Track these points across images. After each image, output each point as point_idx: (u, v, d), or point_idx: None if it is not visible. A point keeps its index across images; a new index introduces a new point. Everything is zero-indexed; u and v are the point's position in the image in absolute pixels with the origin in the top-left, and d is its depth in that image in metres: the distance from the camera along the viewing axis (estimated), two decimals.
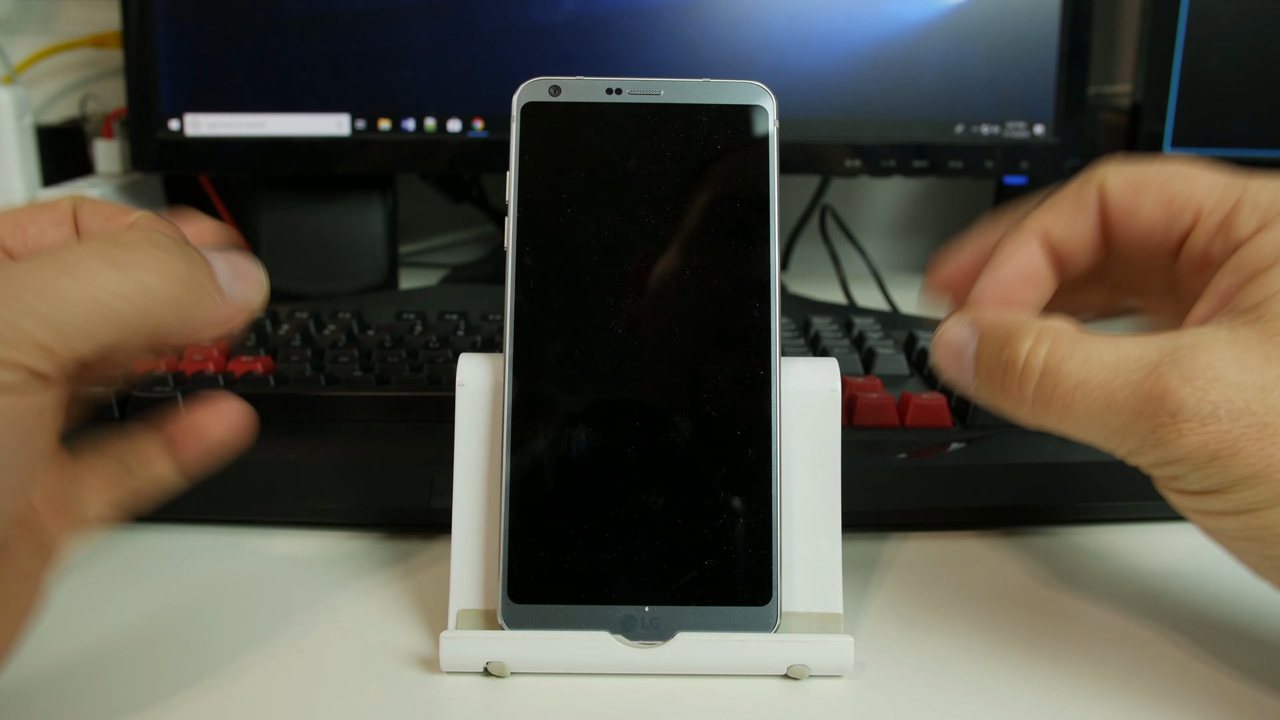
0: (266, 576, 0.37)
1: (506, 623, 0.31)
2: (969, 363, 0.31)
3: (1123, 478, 0.41)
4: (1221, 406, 0.26)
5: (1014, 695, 0.31)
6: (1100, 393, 0.28)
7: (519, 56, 0.65)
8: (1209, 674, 0.32)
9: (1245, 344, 0.27)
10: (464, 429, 0.33)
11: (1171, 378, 0.27)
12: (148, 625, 0.34)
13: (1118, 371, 0.28)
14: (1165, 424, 0.27)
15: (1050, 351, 0.29)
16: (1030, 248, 0.32)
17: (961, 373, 0.31)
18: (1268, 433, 0.26)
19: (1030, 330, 0.29)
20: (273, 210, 0.72)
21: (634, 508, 0.31)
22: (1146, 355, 0.28)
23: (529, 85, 0.33)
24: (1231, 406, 0.26)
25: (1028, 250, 0.32)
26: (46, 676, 0.31)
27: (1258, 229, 0.29)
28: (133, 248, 0.25)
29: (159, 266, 0.25)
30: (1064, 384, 0.28)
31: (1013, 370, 0.29)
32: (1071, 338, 0.29)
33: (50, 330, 0.24)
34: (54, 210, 0.29)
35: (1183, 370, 0.27)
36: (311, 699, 0.30)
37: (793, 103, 0.65)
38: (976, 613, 0.35)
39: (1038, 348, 0.29)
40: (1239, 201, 0.30)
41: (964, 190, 0.94)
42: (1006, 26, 0.66)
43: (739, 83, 0.33)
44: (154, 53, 0.65)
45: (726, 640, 0.31)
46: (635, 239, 0.32)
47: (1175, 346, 0.27)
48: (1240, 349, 0.27)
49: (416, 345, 0.51)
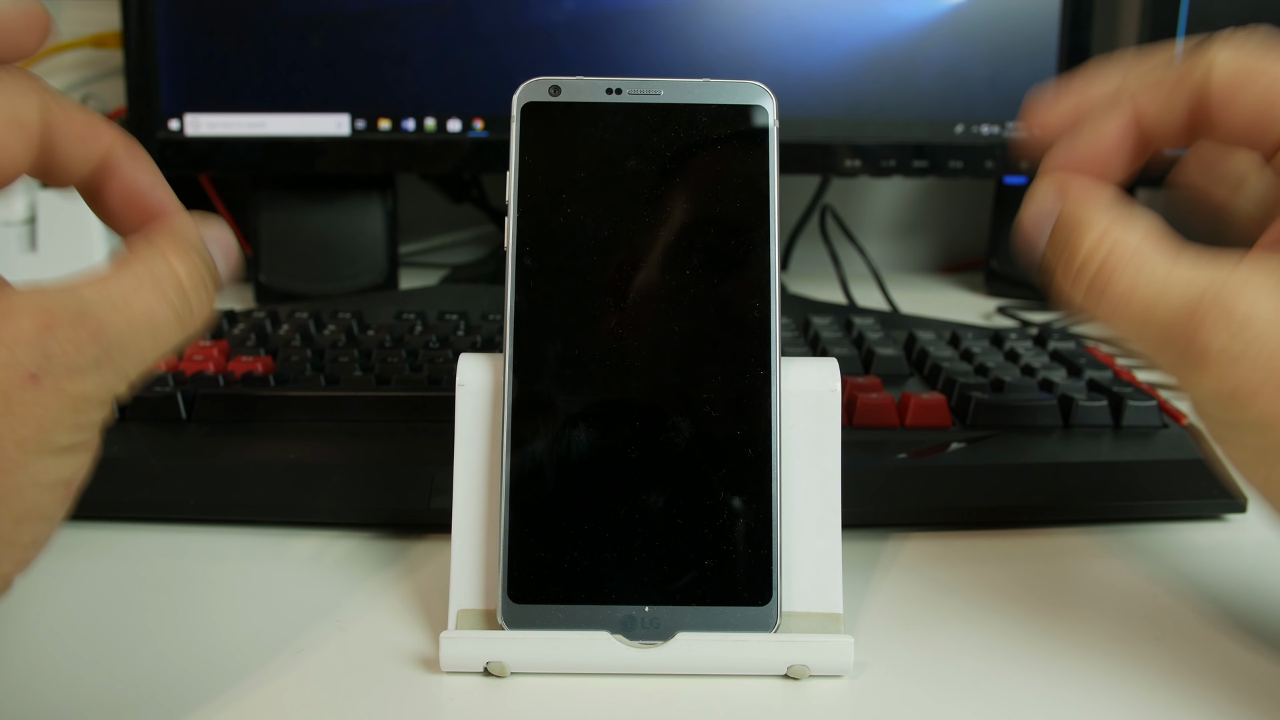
0: (266, 576, 0.37)
1: (506, 623, 0.31)
2: (1046, 230, 0.31)
3: (1123, 478, 0.42)
4: (1251, 347, 0.26)
5: (1014, 695, 0.31)
6: (1142, 307, 0.28)
7: (519, 56, 0.65)
8: (1209, 673, 0.32)
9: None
10: (464, 429, 0.33)
11: (1209, 314, 0.27)
12: (148, 625, 0.34)
13: (1163, 292, 0.28)
14: (1192, 358, 0.27)
15: (1108, 254, 0.29)
16: (1117, 124, 0.31)
17: (1039, 239, 0.31)
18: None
19: (1098, 226, 0.29)
20: (273, 210, 0.72)
21: (634, 508, 0.31)
22: (1194, 283, 0.28)
23: (529, 85, 0.33)
24: (1260, 351, 0.26)
25: (1115, 126, 0.31)
26: (45, 676, 0.31)
27: None
28: (195, 294, 0.28)
29: (207, 312, 0.29)
30: (1113, 289, 0.29)
31: (1074, 259, 0.29)
32: (1132, 245, 0.29)
33: (127, 388, 0.26)
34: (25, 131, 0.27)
35: (1221, 308, 0.27)
36: (311, 699, 0.30)
37: (793, 103, 0.65)
38: (976, 613, 0.35)
39: (1099, 247, 0.29)
40: None
41: (964, 190, 0.94)
42: (1006, 26, 0.66)
43: (739, 83, 0.33)
44: (154, 53, 0.65)
45: (726, 640, 0.31)
46: (635, 239, 0.32)
47: (1225, 281, 0.27)
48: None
49: (416, 345, 0.51)
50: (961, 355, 0.51)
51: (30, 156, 0.27)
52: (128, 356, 0.26)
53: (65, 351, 0.25)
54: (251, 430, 0.43)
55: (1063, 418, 0.45)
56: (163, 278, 0.27)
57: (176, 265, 0.28)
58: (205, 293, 0.29)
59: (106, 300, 0.26)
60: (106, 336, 0.25)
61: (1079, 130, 0.32)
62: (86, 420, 0.26)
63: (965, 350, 0.51)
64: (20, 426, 0.24)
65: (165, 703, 0.30)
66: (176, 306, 0.27)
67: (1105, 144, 0.31)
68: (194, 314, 0.28)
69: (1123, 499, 0.41)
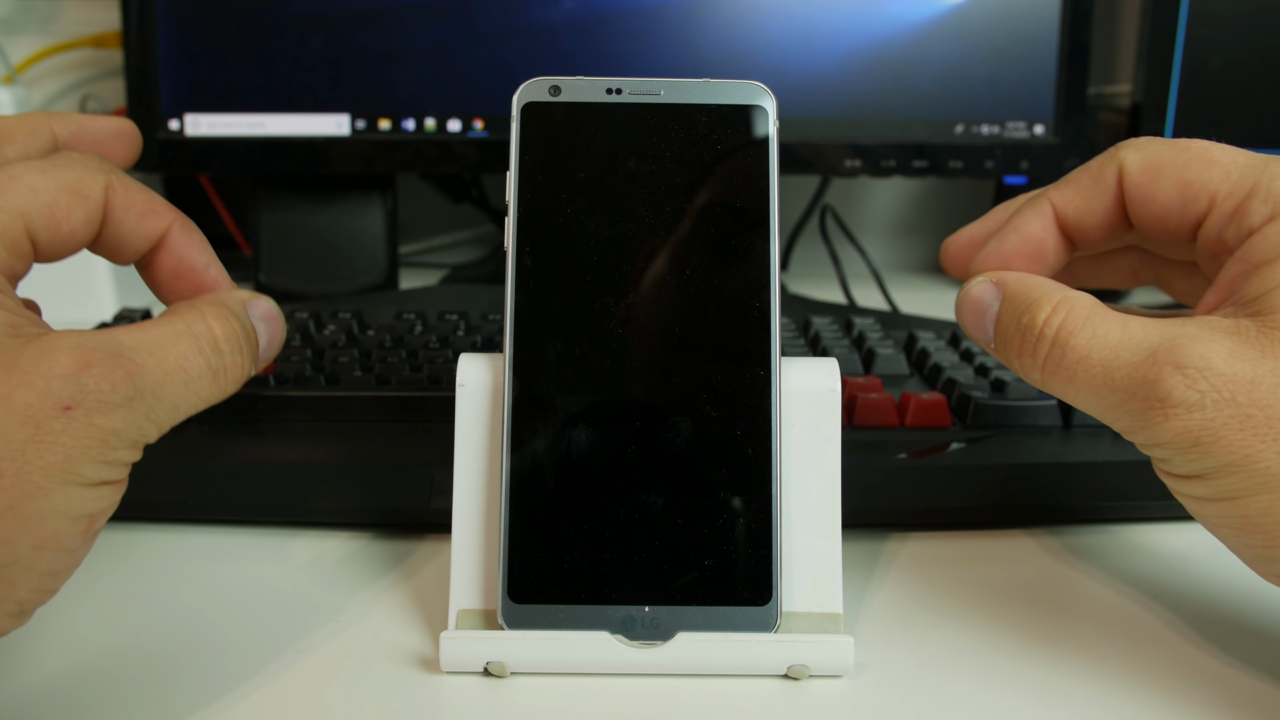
0: (267, 576, 0.37)
1: (506, 623, 0.31)
2: (990, 323, 0.32)
3: (1123, 478, 0.42)
4: (1208, 396, 0.27)
5: (1014, 695, 0.31)
6: (1100, 369, 0.29)
7: (519, 56, 0.65)
8: (1210, 672, 0.32)
9: (1244, 336, 0.28)
10: (464, 429, 0.33)
11: (1165, 364, 0.28)
12: (147, 626, 0.34)
13: (1119, 352, 0.29)
14: (1154, 407, 0.28)
15: (1063, 323, 0.30)
16: (1039, 222, 0.33)
17: (982, 331, 0.32)
18: (1249, 425, 0.27)
19: (1050, 300, 0.30)
20: (273, 210, 0.72)
21: (634, 508, 0.31)
22: (1148, 339, 0.28)
23: (529, 85, 0.33)
24: (1218, 397, 0.27)
25: (1037, 224, 0.33)
26: (45, 677, 0.31)
27: (1269, 219, 0.29)
28: (230, 353, 0.29)
29: (241, 373, 0.30)
30: (1069, 356, 0.29)
31: (1029, 336, 0.30)
32: (1085, 312, 0.30)
33: (158, 433, 0.27)
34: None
35: (1177, 358, 0.28)
36: (311, 699, 0.30)
37: (793, 103, 0.65)
38: (976, 613, 0.35)
39: (1053, 317, 0.30)
40: (1253, 188, 0.30)
41: (964, 190, 0.94)
42: (1006, 26, 0.66)
43: (739, 83, 0.33)
44: (154, 53, 0.65)
45: (726, 640, 0.31)
46: (635, 239, 0.32)
47: (1176, 334, 0.28)
48: (1237, 341, 0.28)
49: (416, 345, 0.51)
50: (961, 355, 0.51)
51: (92, 229, 0.29)
52: (159, 401, 0.27)
53: (99, 387, 0.26)
54: (252, 430, 0.43)
55: (1062, 418, 0.45)
56: (199, 334, 0.28)
57: (213, 324, 0.29)
58: (240, 354, 0.30)
59: (143, 346, 0.27)
60: (140, 378, 0.26)
61: (1000, 233, 0.33)
62: (114, 457, 0.26)
63: (965, 350, 0.51)
64: (48, 453, 0.25)
65: (165, 703, 0.30)
66: (210, 360, 0.28)
67: (1031, 238, 0.33)
68: (227, 371, 0.29)
69: (1122, 499, 0.41)
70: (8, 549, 0.25)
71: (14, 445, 0.25)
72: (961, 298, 0.33)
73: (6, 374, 0.25)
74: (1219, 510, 0.29)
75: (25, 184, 0.28)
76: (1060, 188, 0.33)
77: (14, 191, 0.27)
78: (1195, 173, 0.31)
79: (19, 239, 0.28)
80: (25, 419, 0.25)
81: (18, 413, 0.25)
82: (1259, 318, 0.28)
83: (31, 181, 0.28)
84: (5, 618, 0.26)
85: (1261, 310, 0.28)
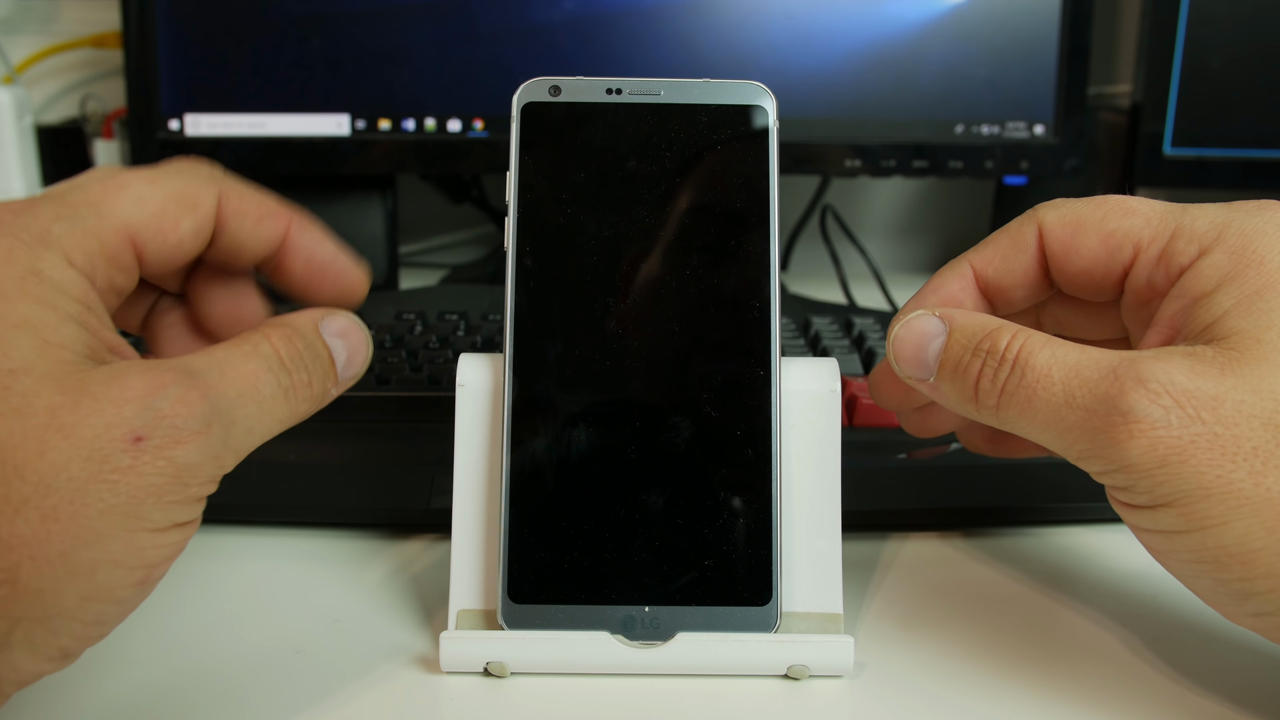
0: (266, 576, 0.37)
1: (506, 623, 0.31)
2: (934, 355, 0.31)
3: None
4: (1173, 412, 0.26)
5: (1014, 695, 0.31)
6: (1060, 388, 0.28)
7: (519, 56, 0.65)
8: (1210, 672, 0.32)
9: (1202, 358, 0.27)
10: (464, 429, 0.33)
11: (1127, 379, 0.27)
12: (147, 626, 0.34)
13: (1079, 370, 0.28)
14: (1117, 424, 0.27)
15: (1023, 346, 0.29)
16: (958, 284, 0.33)
17: (922, 364, 0.31)
18: (1218, 444, 0.26)
19: (1009, 328, 0.30)
20: None
21: (634, 508, 0.31)
22: (1108, 359, 0.28)
23: (529, 85, 0.33)
24: (1182, 413, 0.26)
25: (956, 285, 0.33)
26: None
27: (1198, 255, 0.29)
28: (297, 371, 0.28)
29: (315, 392, 0.29)
30: (1029, 376, 0.29)
31: (991, 360, 0.29)
32: (1043, 339, 0.29)
33: (235, 460, 0.26)
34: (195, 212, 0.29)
35: (1138, 373, 0.27)
36: (311, 699, 0.30)
37: (793, 103, 0.65)
38: (976, 613, 0.35)
39: (1014, 342, 0.29)
40: (1176, 231, 0.30)
41: (964, 190, 0.94)
42: (1006, 26, 0.66)
43: (739, 83, 0.33)
44: (154, 53, 0.65)
45: (726, 640, 0.31)
46: (635, 239, 0.32)
47: (1135, 356, 0.28)
48: (1196, 361, 0.27)
49: (416, 345, 0.51)
50: None
51: (202, 238, 0.29)
52: (235, 425, 0.26)
53: (175, 411, 0.24)
54: None
55: None
56: (266, 353, 0.27)
57: (278, 343, 0.28)
58: (307, 373, 0.28)
59: (213, 365, 0.26)
60: (215, 398, 0.25)
61: (919, 294, 0.34)
62: (187, 495, 0.25)
63: None
64: (110, 495, 0.23)
65: (165, 703, 0.30)
66: (280, 379, 0.27)
67: (950, 298, 0.33)
68: (297, 390, 0.28)
69: None
70: (52, 599, 0.23)
71: (75, 484, 0.23)
72: (900, 331, 0.31)
73: (75, 401, 0.23)
74: (1188, 543, 0.27)
75: (133, 194, 0.27)
76: (980, 250, 0.33)
77: (120, 201, 0.27)
78: (1116, 223, 0.31)
79: (120, 250, 0.27)
80: (90, 453, 0.23)
81: (83, 445, 0.23)
82: (1212, 344, 0.27)
83: (140, 191, 0.27)
84: (46, 662, 0.25)
85: (1214, 337, 0.28)
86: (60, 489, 0.23)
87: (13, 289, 0.24)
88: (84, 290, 0.26)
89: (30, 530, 0.23)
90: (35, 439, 0.23)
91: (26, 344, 0.24)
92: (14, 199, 0.26)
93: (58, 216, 0.26)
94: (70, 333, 0.25)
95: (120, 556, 0.24)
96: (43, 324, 0.24)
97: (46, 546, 0.23)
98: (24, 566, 0.23)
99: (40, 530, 0.23)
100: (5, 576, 0.23)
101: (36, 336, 0.24)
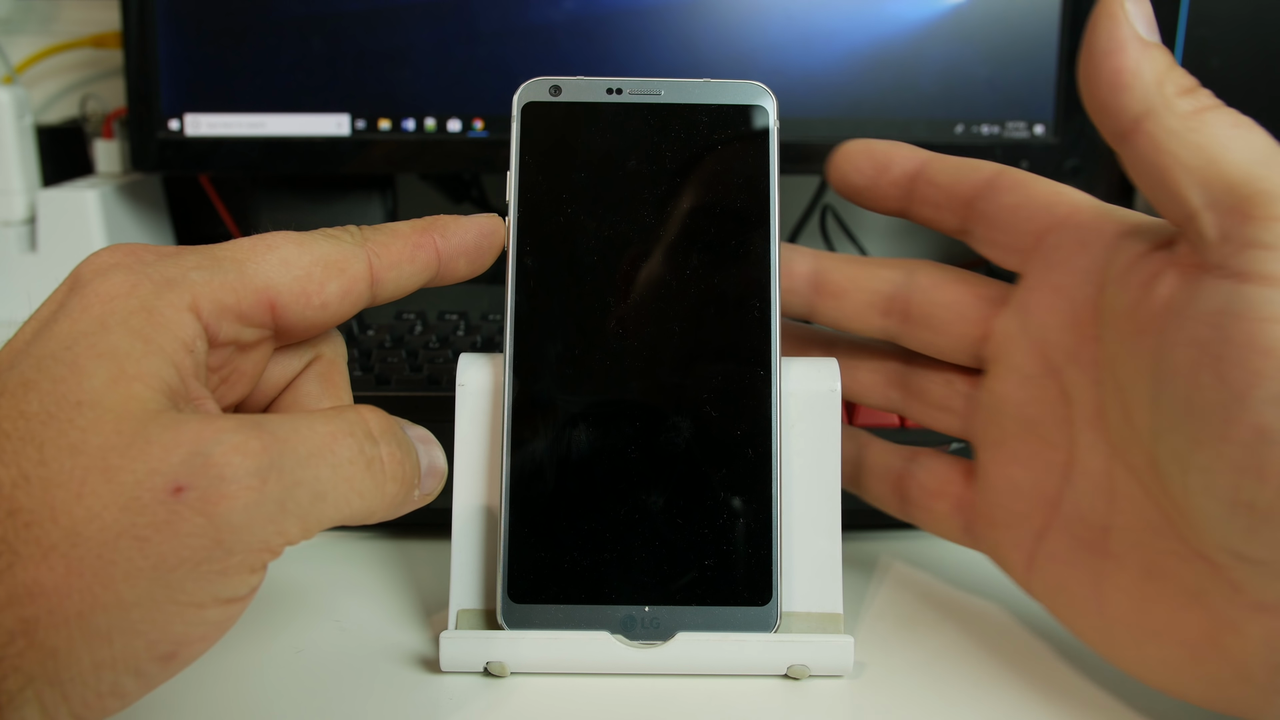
0: (266, 576, 0.37)
1: (506, 623, 0.31)
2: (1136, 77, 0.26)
3: None
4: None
5: (1014, 695, 0.31)
6: (1245, 143, 0.25)
7: (519, 56, 0.65)
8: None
9: None
10: (464, 429, 0.33)
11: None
12: None
13: (1258, 145, 0.25)
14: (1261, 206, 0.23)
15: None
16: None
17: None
18: None
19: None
20: (273, 210, 0.72)
21: (634, 508, 0.31)
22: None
23: (529, 85, 0.33)
24: None
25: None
26: None
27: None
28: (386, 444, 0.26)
29: (403, 472, 0.26)
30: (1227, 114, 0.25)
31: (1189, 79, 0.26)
32: None
33: (301, 529, 0.23)
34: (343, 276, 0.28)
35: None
36: (311, 699, 0.30)
37: (793, 103, 0.65)
38: (976, 613, 0.35)
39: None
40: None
41: None
42: (1006, 26, 0.66)
43: (739, 83, 0.33)
44: (154, 53, 0.65)
45: (726, 640, 0.31)
46: (635, 239, 0.32)
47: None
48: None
49: (416, 345, 0.51)
50: None
51: (349, 301, 0.27)
52: (300, 485, 0.23)
53: (226, 459, 0.21)
54: None
55: None
56: (350, 418, 0.25)
57: (366, 414, 0.26)
58: (400, 449, 0.26)
59: (286, 421, 0.24)
60: (279, 450, 0.22)
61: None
62: (230, 565, 0.21)
63: None
64: (139, 555, 0.20)
65: (165, 704, 0.30)
66: (365, 447, 0.25)
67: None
68: (385, 465, 0.25)
69: None
70: (66, 661, 0.21)
71: (105, 536, 0.20)
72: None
73: (128, 443, 0.21)
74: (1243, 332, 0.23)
75: (279, 255, 0.26)
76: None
77: (266, 261, 0.26)
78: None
79: (254, 309, 0.26)
80: (128, 502, 0.20)
81: (122, 492, 0.20)
82: None
83: (287, 254, 0.27)
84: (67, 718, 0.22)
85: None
86: (90, 539, 0.20)
87: (117, 321, 0.23)
88: (193, 335, 0.24)
89: (53, 581, 0.20)
90: (78, 479, 0.20)
91: (102, 375, 0.22)
92: (166, 245, 0.26)
93: (198, 265, 0.25)
94: (154, 366, 0.22)
95: (142, 628, 0.21)
96: (127, 355, 0.22)
97: (65, 602, 0.20)
98: (41, 621, 0.20)
99: (63, 583, 0.20)
100: (22, 628, 0.20)
101: (115, 367, 0.22)
